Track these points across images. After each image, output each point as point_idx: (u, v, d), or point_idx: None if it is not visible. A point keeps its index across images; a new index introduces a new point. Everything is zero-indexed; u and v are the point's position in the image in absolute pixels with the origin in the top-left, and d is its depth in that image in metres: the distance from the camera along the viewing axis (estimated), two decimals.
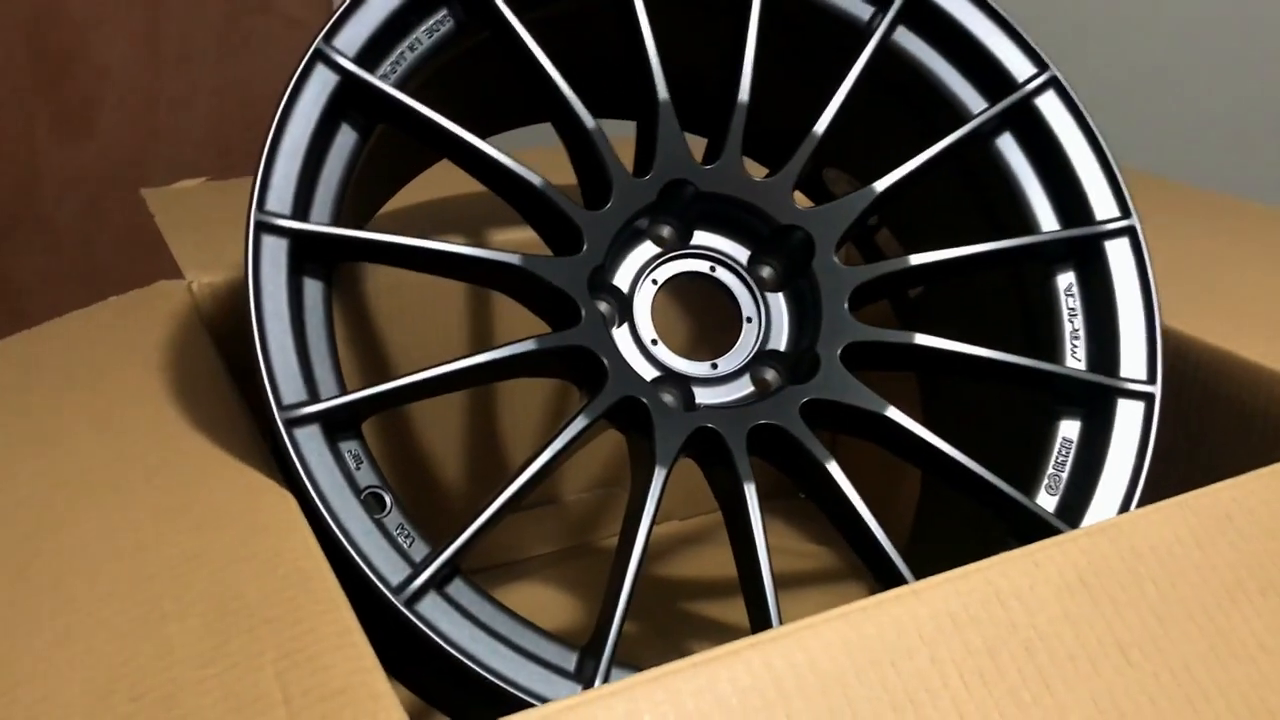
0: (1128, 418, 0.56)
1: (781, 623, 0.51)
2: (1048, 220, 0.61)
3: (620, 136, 0.60)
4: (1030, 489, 0.57)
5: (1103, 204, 0.60)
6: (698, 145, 0.61)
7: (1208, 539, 0.45)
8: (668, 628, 0.80)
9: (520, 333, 0.55)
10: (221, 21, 1.60)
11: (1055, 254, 0.60)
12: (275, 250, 0.50)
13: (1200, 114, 1.32)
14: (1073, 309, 0.60)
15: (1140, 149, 0.91)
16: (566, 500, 0.89)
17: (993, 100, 0.61)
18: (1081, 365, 0.59)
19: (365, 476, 0.50)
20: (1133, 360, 0.57)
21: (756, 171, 0.60)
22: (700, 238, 0.61)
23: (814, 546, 0.86)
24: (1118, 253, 0.59)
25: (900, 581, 0.52)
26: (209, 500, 0.47)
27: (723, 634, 0.78)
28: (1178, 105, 1.33)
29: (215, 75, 1.61)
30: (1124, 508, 0.55)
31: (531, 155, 0.72)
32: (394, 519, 0.50)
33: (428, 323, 0.78)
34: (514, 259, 0.54)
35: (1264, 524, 0.46)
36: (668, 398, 0.57)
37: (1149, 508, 0.46)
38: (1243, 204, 0.83)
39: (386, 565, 0.47)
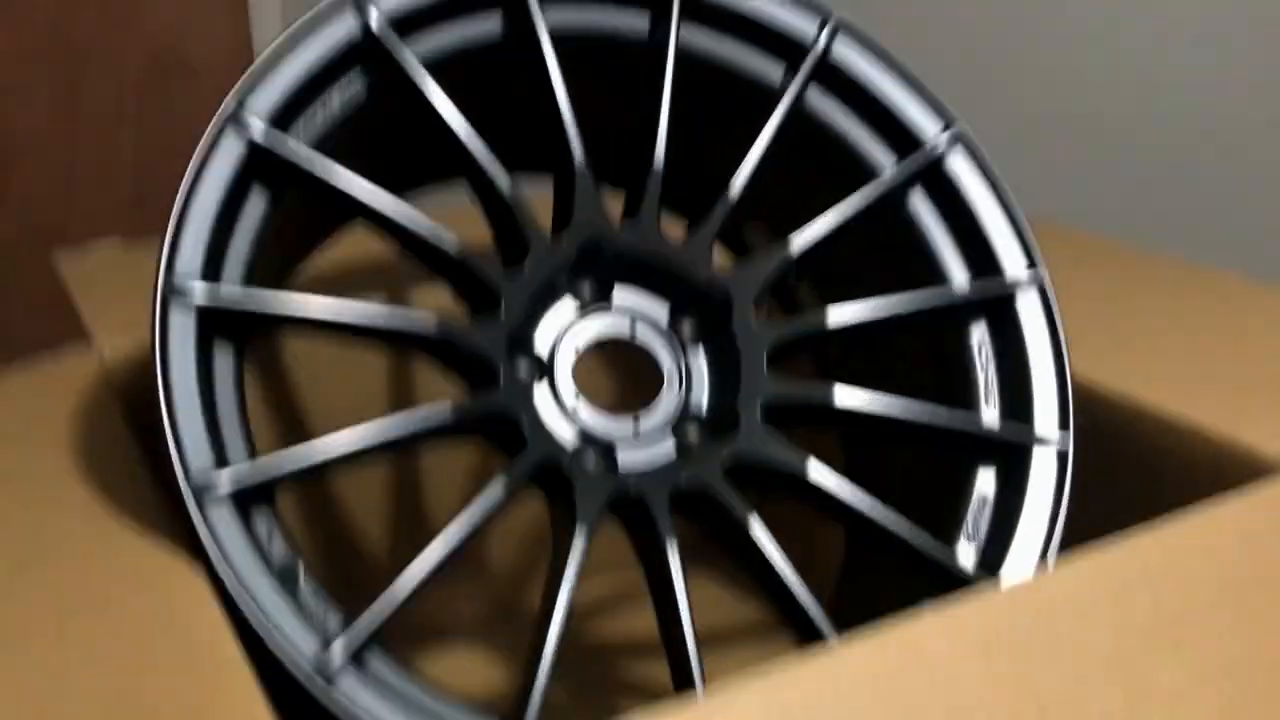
0: (1042, 469, 0.57)
1: (704, 682, 0.51)
2: (959, 275, 0.62)
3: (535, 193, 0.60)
4: (950, 542, 0.57)
5: (1011, 258, 0.61)
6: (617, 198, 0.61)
7: (1123, 592, 0.46)
8: (597, 688, 0.79)
9: (447, 394, 0.55)
10: (142, 83, 1.59)
11: (968, 308, 0.61)
12: (183, 321, 0.50)
13: (1103, 160, 1.37)
14: (985, 362, 0.61)
15: (1046, 195, 0.94)
16: (491, 564, 0.88)
17: (902, 158, 0.63)
18: (996, 417, 0.60)
19: (278, 548, 0.49)
20: (1045, 412, 0.58)
21: (677, 227, 0.60)
22: (620, 296, 0.61)
23: (740, 602, 0.86)
24: (1027, 306, 0.60)
25: (817, 635, 0.52)
26: (112, 578, 0.46)
27: (654, 694, 0.77)
28: (1078, 152, 1.37)
29: (136, 137, 1.59)
30: (1042, 558, 0.56)
31: (443, 215, 0.72)
32: (308, 590, 0.49)
33: (349, 384, 0.77)
34: (429, 324, 0.53)
35: (1177, 575, 0.47)
36: (589, 460, 0.56)
37: (1064, 563, 0.46)
38: (1143, 253, 0.85)
39: (301, 640, 0.46)
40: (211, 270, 0.51)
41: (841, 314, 0.59)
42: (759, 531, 0.53)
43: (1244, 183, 1.29)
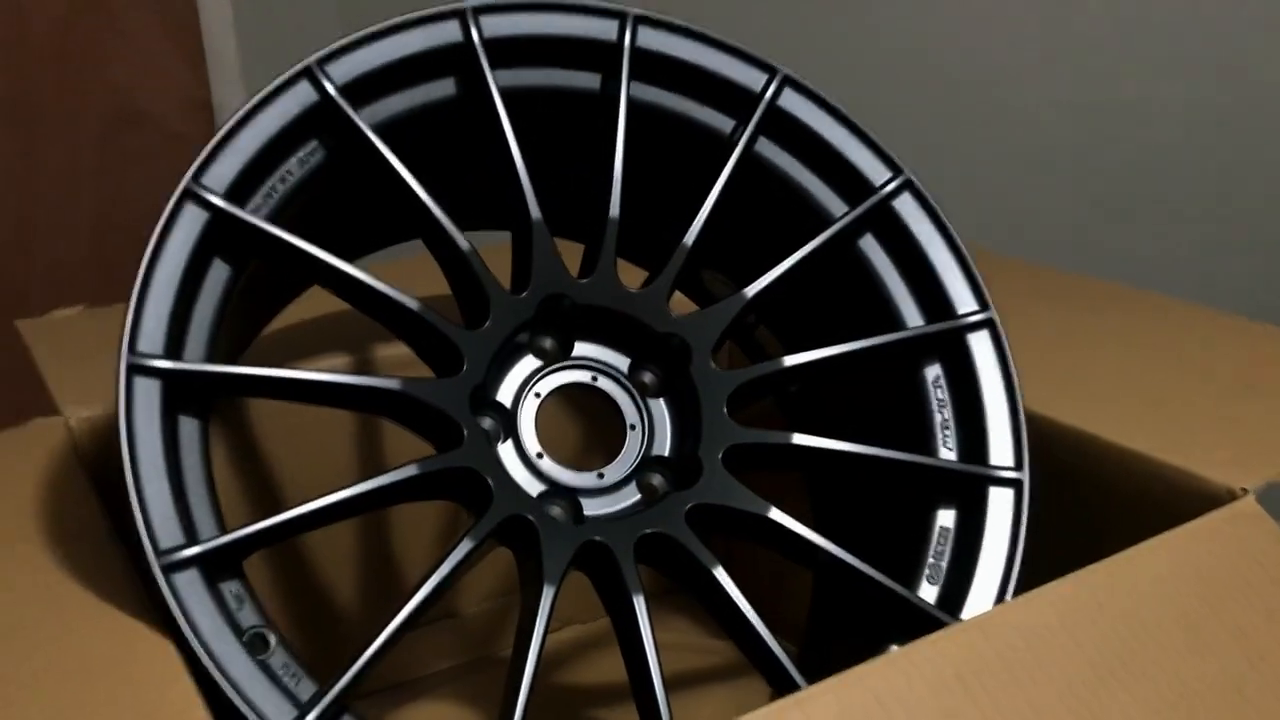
0: (1000, 505, 0.59)
1: None
2: (912, 316, 0.64)
3: (494, 245, 0.61)
4: (912, 580, 0.59)
5: (962, 298, 0.62)
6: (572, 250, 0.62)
7: (1077, 625, 0.47)
8: None
9: (413, 452, 0.55)
10: (100, 138, 1.59)
11: (922, 348, 0.63)
12: (148, 392, 0.50)
13: (1046, 192, 1.40)
14: (941, 400, 0.62)
15: (995, 229, 0.96)
16: (465, 613, 0.88)
17: (852, 204, 0.64)
18: (953, 455, 0.61)
19: (247, 617, 0.49)
20: (1001, 448, 0.60)
21: (636, 274, 0.61)
22: (581, 349, 0.62)
23: (713, 641, 0.87)
24: (979, 345, 0.62)
25: (791, 687, 0.53)
26: (81, 652, 0.46)
27: None
28: (1021, 186, 1.40)
29: (95, 193, 1.59)
30: (1001, 593, 0.57)
31: (401, 268, 0.73)
32: (279, 658, 0.49)
33: (317, 447, 0.78)
34: (393, 384, 0.54)
35: (1129, 606, 0.48)
36: (555, 512, 0.57)
37: (1020, 599, 0.48)
38: (1082, 278, 0.87)
39: (272, 709, 0.46)
40: (175, 340, 0.52)
41: (797, 358, 0.60)
42: (725, 580, 0.54)
43: (1182, 206, 1.33)
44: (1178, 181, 1.33)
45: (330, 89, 0.57)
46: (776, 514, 0.56)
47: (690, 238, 0.61)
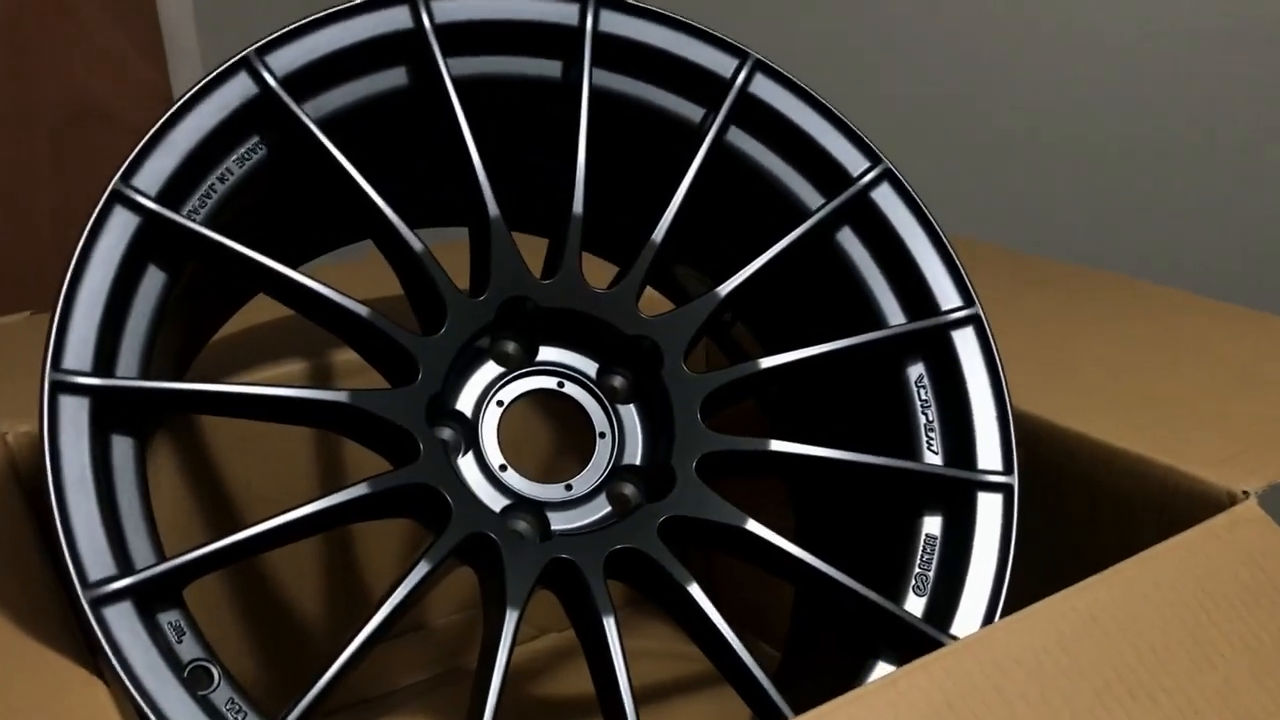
0: (988, 510, 0.56)
1: None
2: (893, 312, 0.60)
3: (448, 242, 0.57)
4: (898, 591, 0.56)
5: (945, 294, 0.59)
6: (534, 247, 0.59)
7: (1074, 643, 0.44)
8: None
9: (378, 460, 0.52)
10: (56, 133, 1.54)
11: (904, 346, 0.59)
12: (75, 411, 0.47)
13: (1032, 176, 1.37)
14: (925, 400, 0.59)
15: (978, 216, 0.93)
16: (433, 625, 0.85)
17: (829, 195, 0.61)
18: (939, 459, 0.58)
19: (189, 649, 0.46)
20: (988, 451, 0.57)
21: (600, 272, 0.58)
22: (546, 353, 0.59)
23: (693, 648, 0.84)
24: (964, 342, 0.59)
25: (766, 702, 0.50)
26: (3, 693, 0.43)
27: None
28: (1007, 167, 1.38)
29: (51, 188, 1.55)
30: (992, 604, 0.54)
31: (350, 271, 0.69)
32: (222, 693, 0.46)
33: (272, 454, 0.74)
34: (341, 396, 0.51)
35: (1127, 621, 0.45)
36: (521, 526, 0.54)
37: (1014, 617, 0.45)
38: (1074, 268, 0.84)
39: None
40: (105, 354, 0.48)
41: (774, 360, 0.57)
42: (701, 599, 0.51)
43: (1171, 195, 1.30)
44: (1177, 169, 1.30)
45: (270, 81, 0.53)
46: (754, 526, 0.53)
47: (659, 234, 0.58)
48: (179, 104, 0.52)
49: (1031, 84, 1.33)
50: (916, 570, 0.56)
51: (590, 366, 0.59)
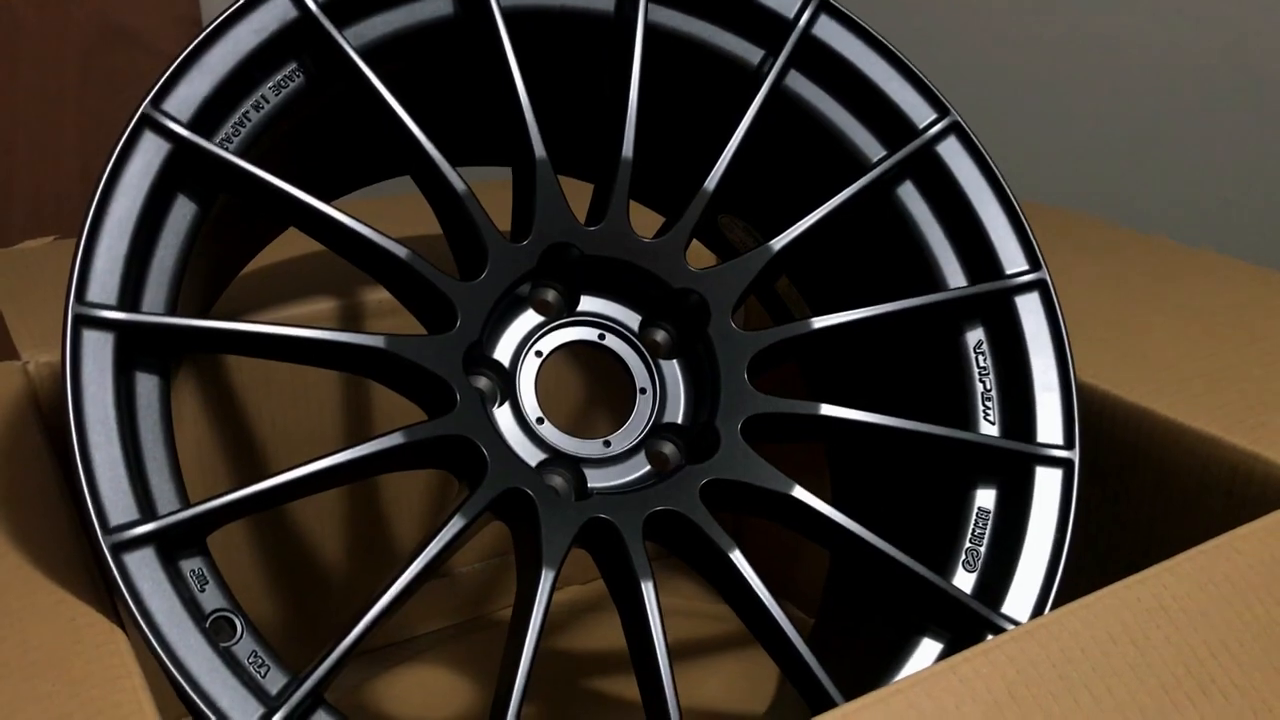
0: (1047, 486, 0.53)
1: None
2: (954, 274, 0.58)
3: (489, 180, 0.55)
4: (947, 565, 0.53)
5: (1010, 256, 0.56)
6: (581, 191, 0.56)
7: (1142, 634, 0.42)
8: (568, 705, 0.75)
9: (405, 416, 0.50)
10: (83, 56, 1.51)
11: (963, 310, 0.57)
12: (99, 346, 0.44)
13: (1101, 139, 1.32)
14: (983, 368, 0.56)
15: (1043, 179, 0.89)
16: (457, 573, 0.83)
17: (892, 147, 0.58)
18: (995, 429, 0.55)
19: (211, 599, 0.44)
20: (1049, 423, 0.54)
21: (646, 222, 0.55)
22: (587, 303, 0.56)
23: (721, 606, 0.82)
24: (1028, 308, 0.56)
25: (812, 680, 0.48)
26: (20, 641, 0.41)
27: (627, 711, 0.73)
28: (1071, 130, 1.32)
29: (78, 113, 1.52)
30: (1047, 582, 0.51)
31: (384, 206, 0.66)
32: (245, 645, 0.44)
33: (300, 393, 0.72)
34: (377, 341, 0.48)
35: (1198, 612, 0.43)
36: (557, 482, 0.52)
37: (1078, 603, 0.42)
38: (1130, 233, 0.81)
39: (236, 707, 0.41)
40: (132, 288, 0.46)
41: (827, 320, 0.54)
42: (744, 567, 0.49)
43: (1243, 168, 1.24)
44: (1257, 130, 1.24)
45: (311, 4, 0.50)
46: (800, 493, 0.51)
47: (712, 182, 0.55)
48: (214, 25, 0.49)
49: (1109, 40, 1.26)
50: (967, 545, 0.54)
51: (633, 319, 0.56)
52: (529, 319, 0.55)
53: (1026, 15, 1.30)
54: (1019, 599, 0.51)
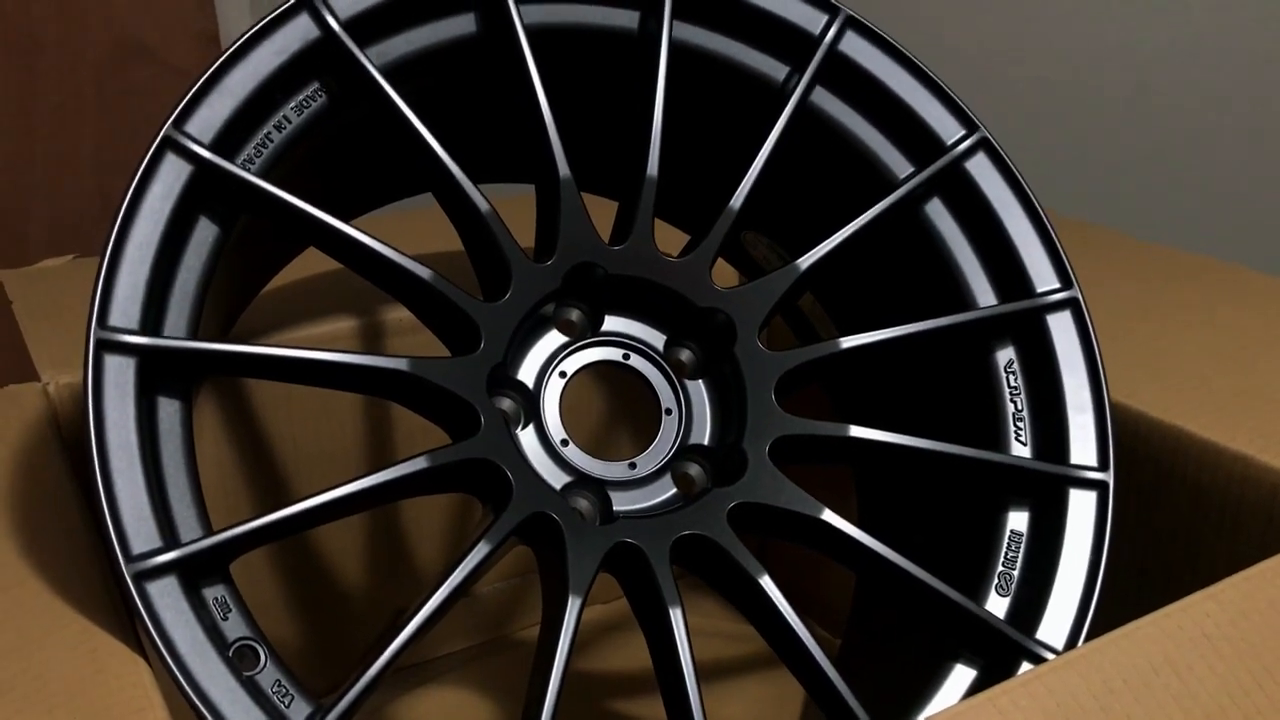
0: (1081, 508, 0.52)
1: None
2: (983, 292, 0.57)
3: (509, 196, 0.54)
4: (979, 590, 0.52)
5: (1042, 274, 0.56)
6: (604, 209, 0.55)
7: (1185, 664, 0.41)
8: None
9: (427, 434, 0.49)
10: (101, 71, 1.51)
11: (993, 329, 0.56)
12: (121, 372, 0.44)
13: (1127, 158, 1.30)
14: (1015, 388, 0.56)
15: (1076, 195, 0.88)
16: (478, 593, 0.82)
17: (920, 164, 0.57)
18: (1027, 450, 0.54)
19: (235, 627, 0.43)
20: (1083, 444, 0.53)
21: (669, 239, 0.54)
22: (612, 323, 0.56)
23: (744, 627, 0.81)
24: (1060, 327, 0.55)
25: (841, 705, 0.47)
26: (40, 672, 0.40)
27: None
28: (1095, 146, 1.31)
29: (96, 128, 1.52)
30: (1083, 608, 0.50)
31: (403, 222, 0.66)
32: (269, 674, 0.43)
33: (322, 414, 0.71)
34: (400, 364, 0.48)
35: (1243, 641, 0.42)
36: (582, 505, 0.51)
37: (1118, 632, 0.41)
38: (1162, 249, 0.80)
39: None
40: (153, 312, 0.46)
41: (856, 340, 0.53)
42: (774, 593, 0.48)
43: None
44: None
45: (333, 24, 0.50)
46: (830, 516, 0.50)
47: (738, 200, 0.54)
48: (235, 46, 0.48)
49: (1136, 50, 1.25)
50: (1000, 569, 0.53)
51: (658, 339, 0.56)
52: (553, 339, 0.54)
53: (1049, 26, 1.29)
54: (1054, 624, 0.50)
